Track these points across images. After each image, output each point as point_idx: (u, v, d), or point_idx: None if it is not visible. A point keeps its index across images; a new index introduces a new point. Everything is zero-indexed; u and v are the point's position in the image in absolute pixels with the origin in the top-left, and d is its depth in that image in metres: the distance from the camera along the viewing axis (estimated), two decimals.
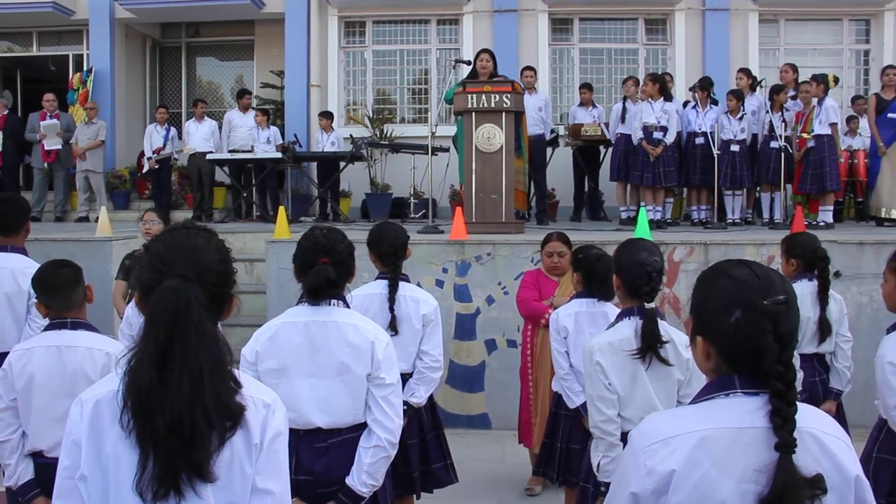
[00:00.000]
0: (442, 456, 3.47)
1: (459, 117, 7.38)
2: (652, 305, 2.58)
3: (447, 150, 8.50)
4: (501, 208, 6.77)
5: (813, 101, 8.13)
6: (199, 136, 10.04)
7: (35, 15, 11.51)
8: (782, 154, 8.07)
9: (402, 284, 3.29)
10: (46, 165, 10.08)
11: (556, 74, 11.37)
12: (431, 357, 3.30)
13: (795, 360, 1.41)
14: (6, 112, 10.58)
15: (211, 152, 9.77)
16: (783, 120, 8.18)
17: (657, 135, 8.11)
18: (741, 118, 8.43)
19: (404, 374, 3.02)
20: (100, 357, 2.64)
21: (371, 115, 11.05)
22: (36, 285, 2.79)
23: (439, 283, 5.87)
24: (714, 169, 8.15)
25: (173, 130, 10.41)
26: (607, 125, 9.31)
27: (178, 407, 1.38)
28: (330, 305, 2.48)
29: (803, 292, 3.68)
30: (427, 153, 7.49)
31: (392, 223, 3.67)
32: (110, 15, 11.42)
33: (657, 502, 1.37)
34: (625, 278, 2.62)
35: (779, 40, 11.20)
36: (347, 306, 2.54)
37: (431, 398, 3.44)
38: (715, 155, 8.10)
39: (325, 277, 2.44)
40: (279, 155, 9.49)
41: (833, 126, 8.12)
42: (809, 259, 3.81)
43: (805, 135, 8.13)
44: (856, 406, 4.28)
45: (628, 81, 9.07)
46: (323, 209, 9.93)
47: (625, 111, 8.70)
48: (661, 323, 2.59)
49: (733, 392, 1.40)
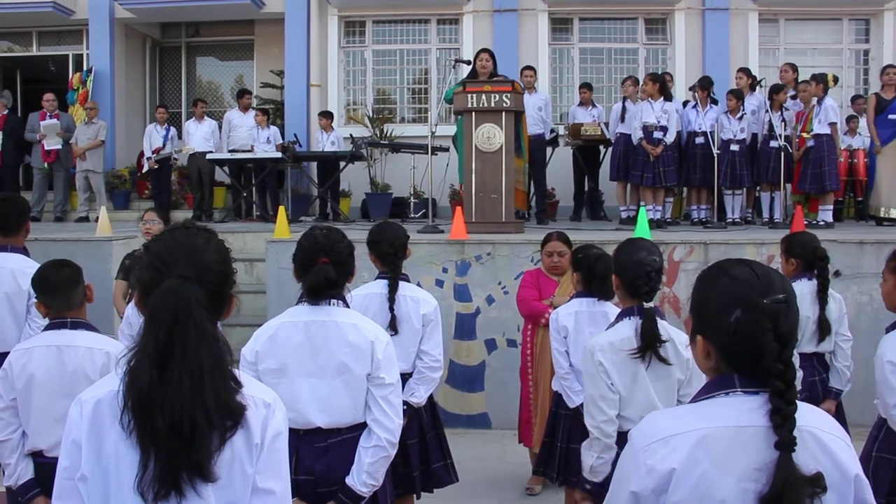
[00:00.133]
0: (442, 455, 3.47)
1: (459, 117, 7.38)
2: (651, 305, 2.58)
3: (447, 150, 8.50)
4: (501, 208, 6.77)
5: (812, 101, 8.13)
6: (199, 136, 10.03)
7: (35, 15, 11.51)
8: (782, 153, 8.07)
9: (402, 284, 3.29)
10: (46, 165, 10.07)
11: (556, 74, 11.37)
12: (431, 357, 3.30)
13: (795, 360, 1.41)
14: (6, 112, 10.57)
15: (211, 152, 9.77)
16: (783, 119, 8.18)
17: (657, 134, 8.11)
18: (741, 118, 8.43)
19: (404, 374, 3.02)
20: (99, 357, 2.65)
21: (371, 115, 11.05)
22: (36, 285, 2.79)
23: (439, 283, 5.87)
24: (714, 168, 8.15)
25: (173, 130, 10.40)
26: (607, 125, 9.31)
27: (179, 407, 1.38)
28: (330, 305, 2.48)
29: (803, 291, 3.69)
30: (427, 153, 7.49)
31: (392, 223, 3.67)
32: (110, 15, 11.42)
33: (657, 501, 1.37)
34: (624, 278, 2.62)
35: (778, 40, 11.20)
36: (347, 306, 2.54)
37: (431, 398, 3.44)
38: (715, 154, 8.10)
39: (325, 277, 2.44)
40: (279, 155, 9.49)
41: (832, 126, 8.12)
42: (809, 258, 3.81)
43: (805, 134, 8.13)
44: (855, 405, 4.28)
45: (628, 81, 9.08)
46: (323, 209, 9.93)
47: (624, 111, 8.71)
48: (661, 322, 2.59)
49: (733, 391, 1.40)
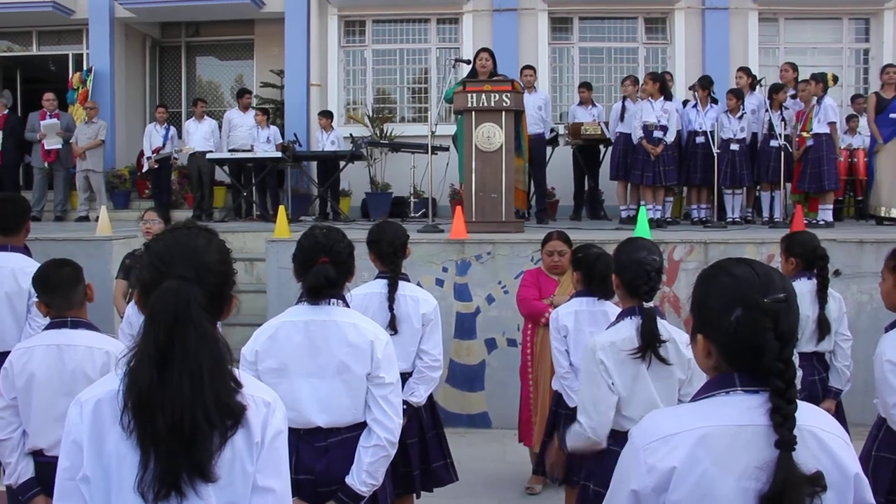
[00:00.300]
0: (442, 455, 3.47)
1: (459, 116, 7.38)
2: (651, 304, 2.58)
3: (447, 150, 8.50)
4: (501, 207, 6.76)
5: (812, 100, 8.13)
6: (199, 136, 10.03)
7: (35, 14, 11.51)
8: (782, 153, 8.07)
9: (402, 284, 3.29)
10: (46, 165, 10.07)
11: (556, 73, 11.37)
12: (431, 356, 3.30)
13: (795, 359, 1.41)
14: (6, 111, 10.58)
15: (211, 152, 9.78)
16: (783, 119, 8.18)
17: (657, 134, 8.10)
18: (741, 117, 8.43)
19: (404, 374, 3.02)
20: (99, 356, 2.65)
21: (371, 115, 11.05)
22: (36, 284, 2.79)
23: (439, 283, 5.87)
24: (714, 168, 8.15)
25: (173, 130, 10.41)
26: (607, 124, 9.31)
27: (179, 407, 1.38)
28: (330, 305, 2.48)
29: (803, 291, 3.69)
30: (427, 152, 7.49)
31: (392, 222, 3.67)
32: (110, 14, 11.42)
33: (658, 500, 1.37)
34: (624, 277, 2.61)
35: (778, 39, 11.20)
36: (347, 306, 2.54)
37: (431, 397, 3.44)
38: (715, 154, 8.09)
39: (325, 277, 2.44)
40: (279, 154, 9.49)
41: (831, 125, 8.12)
42: (809, 258, 3.81)
43: (805, 133, 8.13)
44: (855, 404, 4.28)
45: (627, 80, 9.08)
46: (323, 208, 9.93)
47: (624, 110, 8.71)
48: (662, 322, 2.58)
49: (733, 390, 1.40)
